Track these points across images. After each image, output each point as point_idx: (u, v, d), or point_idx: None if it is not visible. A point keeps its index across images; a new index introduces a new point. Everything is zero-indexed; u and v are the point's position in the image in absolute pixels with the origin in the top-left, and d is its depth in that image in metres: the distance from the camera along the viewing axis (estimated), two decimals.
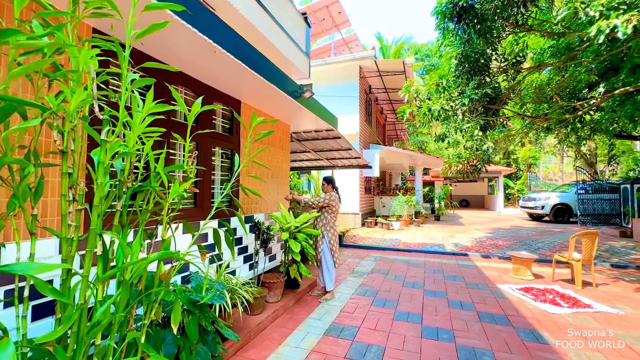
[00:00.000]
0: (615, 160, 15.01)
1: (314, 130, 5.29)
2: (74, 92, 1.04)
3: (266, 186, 4.20)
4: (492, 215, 16.88)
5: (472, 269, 5.72)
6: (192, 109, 1.23)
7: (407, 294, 4.31)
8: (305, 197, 3.99)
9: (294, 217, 3.84)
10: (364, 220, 11.53)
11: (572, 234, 9.82)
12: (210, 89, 3.17)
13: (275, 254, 4.46)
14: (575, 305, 3.89)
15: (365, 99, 12.70)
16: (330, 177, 4.21)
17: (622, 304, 3.97)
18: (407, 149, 13.79)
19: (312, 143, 6.08)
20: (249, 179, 3.75)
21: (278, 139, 4.58)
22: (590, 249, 4.59)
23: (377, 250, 7.48)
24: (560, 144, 17.12)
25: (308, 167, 8.36)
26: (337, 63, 10.95)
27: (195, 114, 1.22)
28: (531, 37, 8.43)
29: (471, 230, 10.59)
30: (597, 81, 8.70)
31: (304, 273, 3.63)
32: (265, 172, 4.18)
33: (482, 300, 4.07)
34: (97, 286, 0.95)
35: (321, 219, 4.08)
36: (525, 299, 4.13)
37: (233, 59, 2.48)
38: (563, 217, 12.44)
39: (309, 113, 4.15)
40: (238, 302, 2.61)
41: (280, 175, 4.64)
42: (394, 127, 20.78)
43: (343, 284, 4.79)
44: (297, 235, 3.59)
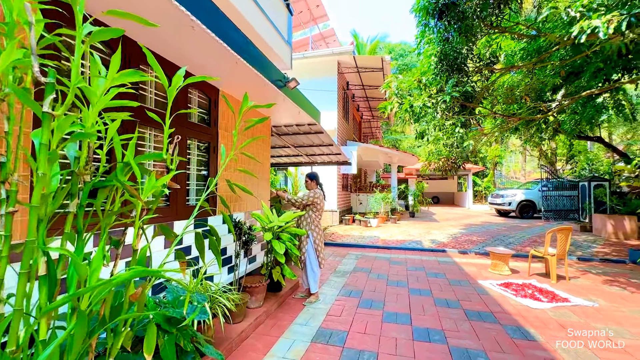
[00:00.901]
0: (574, 160, 16.15)
1: (296, 124, 5.04)
2: (3, 50, 0.74)
3: (247, 182, 3.90)
4: (462, 211, 17.54)
5: (452, 265, 5.77)
6: (173, 82, 0.95)
7: (392, 294, 4.21)
8: (288, 195, 3.74)
9: (276, 216, 3.58)
10: (341, 217, 11.45)
11: (537, 229, 10.37)
12: (186, 74, 2.82)
13: (255, 255, 4.17)
14: (554, 299, 3.99)
15: (343, 95, 12.59)
16: (314, 173, 3.99)
17: (595, 297, 4.13)
18: (383, 146, 13.88)
19: (292, 138, 5.82)
20: (233, 174, 3.44)
21: (260, 132, 4.29)
22: (564, 243, 4.76)
23: (357, 248, 7.38)
24: (525, 143, 18.10)
25: (286, 164, 8.07)
26: (315, 57, 10.71)
27: (178, 88, 0.95)
28: (504, 39, 8.71)
29: (446, 226, 10.86)
30: (561, 84, 9.21)
31: (288, 276, 3.39)
32: (248, 166, 3.88)
33: (467, 298, 4.06)
34: (39, 321, 0.67)
35: (305, 218, 3.85)
36: (506, 294, 4.18)
37: (214, 38, 2.18)
38: (528, 212, 13.15)
39: (293, 105, 3.90)
40: (219, 312, 2.33)
41: (261, 171, 4.35)
42: (369, 124, 20.94)
43: (326, 284, 4.60)
44: (281, 236, 3.34)
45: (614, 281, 4.84)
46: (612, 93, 9.44)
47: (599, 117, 9.27)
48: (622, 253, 6.77)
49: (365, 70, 11.26)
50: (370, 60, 10.71)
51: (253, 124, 1.58)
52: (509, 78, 9.20)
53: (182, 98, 2.79)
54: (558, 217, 11.89)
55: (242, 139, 3.73)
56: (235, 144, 1.50)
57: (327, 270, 5.35)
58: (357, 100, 15.67)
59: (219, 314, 2.32)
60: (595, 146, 20.65)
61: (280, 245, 3.17)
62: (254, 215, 3.43)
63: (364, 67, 11.14)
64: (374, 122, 20.79)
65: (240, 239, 3.09)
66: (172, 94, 0.93)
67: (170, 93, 0.92)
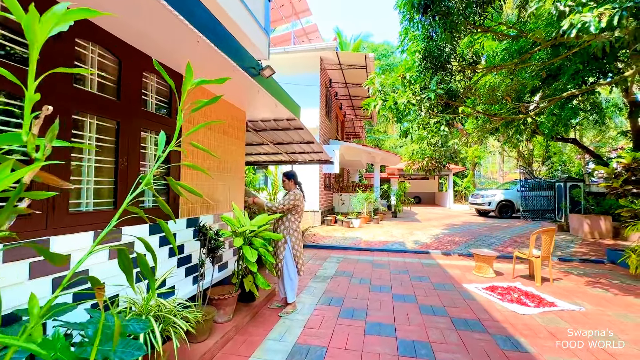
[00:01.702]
0: (550, 161, 16.66)
1: (273, 119, 4.69)
2: None
3: (214, 182, 3.52)
4: (443, 211, 17.69)
5: (436, 268, 5.59)
6: (43, 22, 0.59)
7: (375, 300, 3.95)
8: (267, 202, 3.40)
9: (249, 219, 3.22)
10: (323, 218, 11.16)
11: (517, 229, 10.49)
12: (140, 55, 2.42)
13: (226, 261, 3.80)
14: (541, 304, 3.85)
15: (326, 92, 12.30)
16: (292, 171, 3.66)
17: (579, 300, 4.04)
18: (366, 145, 13.72)
19: (270, 134, 5.46)
20: (191, 174, 3.05)
21: (232, 127, 3.91)
22: (549, 245, 4.67)
23: (339, 250, 7.11)
24: (504, 144, 18.46)
25: (265, 162, 7.69)
26: (297, 52, 10.36)
27: (52, 30, 0.60)
28: (486, 39, 8.70)
29: (428, 226, 10.79)
30: (540, 86, 9.32)
31: (261, 286, 3.05)
32: (215, 164, 3.49)
33: (453, 304, 3.86)
34: None
35: (283, 221, 3.52)
36: (492, 299, 4.02)
37: (167, 9, 1.81)
38: (507, 212, 13.35)
39: (269, 97, 3.54)
40: (173, 335, 1.96)
41: (234, 169, 3.97)
42: (352, 124, 20.79)
43: (305, 291, 4.28)
44: (254, 241, 3.00)
45: (596, 282, 4.80)
46: (587, 96, 9.66)
47: (575, 118, 9.48)
48: (599, 253, 6.85)
49: (348, 67, 11.02)
50: (353, 57, 10.48)
51: (204, 104, 1.25)
52: (490, 79, 9.21)
53: (134, 81, 2.39)
54: (535, 216, 12.11)
55: (208, 133, 3.34)
56: (179, 130, 1.16)
57: (306, 275, 5.03)
58: (340, 98, 15.44)
59: (173, 337, 1.95)
60: (568, 148, 21.48)
61: (252, 252, 2.83)
62: (224, 218, 3.05)
63: (347, 64, 10.89)
64: (357, 121, 20.66)
65: (205, 246, 2.72)
66: (42, 34, 0.58)
67: (35, 33, 0.57)
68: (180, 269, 2.87)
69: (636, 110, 10.27)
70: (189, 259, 2.99)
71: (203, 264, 2.70)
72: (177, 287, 2.80)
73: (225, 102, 3.72)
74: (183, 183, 1.31)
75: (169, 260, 2.73)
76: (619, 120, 20.32)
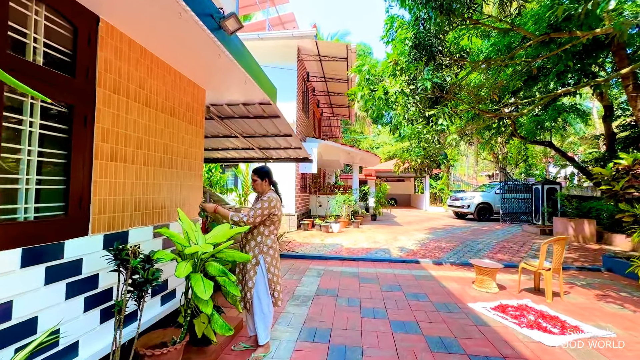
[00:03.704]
0: (527, 163, 16.95)
1: (243, 102, 3.75)
2: None
3: (155, 181, 2.53)
4: (421, 213, 17.42)
5: (431, 281, 4.90)
6: None
7: (370, 331, 3.13)
8: (234, 215, 2.44)
9: (202, 232, 2.27)
10: (300, 222, 10.26)
11: (500, 232, 10.20)
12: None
13: (175, 289, 2.81)
14: (565, 329, 3.23)
15: (303, 87, 11.44)
16: (265, 167, 2.76)
17: (600, 320, 3.49)
18: (345, 144, 13.01)
19: (239, 124, 4.50)
20: (115, 166, 2.06)
21: (185, 108, 2.92)
22: (560, 256, 4.12)
23: (319, 260, 6.25)
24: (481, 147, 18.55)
25: (235, 159, 6.67)
26: (272, 40, 9.40)
27: None
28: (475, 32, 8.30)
29: (411, 230, 10.24)
30: (521, 87, 9.09)
31: (220, 332, 2.11)
32: (157, 155, 2.50)
33: (465, 333, 3.13)
34: None
35: (254, 235, 2.59)
36: (508, 324, 3.35)
37: None
38: (485, 215, 13.19)
39: (235, 66, 2.62)
40: None
41: (187, 164, 2.99)
42: (329, 122, 20.07)
43: (281, 320, 3.38)
44: (209, 267, 2.06)
45: (606, 296, 4.33)
46: (570, 97, 9.59)
47: (558, 119, 9.38)
48: (590, 258, 6.55)
49: (328, 59, 10.22)
50: (334, 47, 9.69)
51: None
52: (475, 77, 8.82)
53: None
54: (514, 219, 12.00)
55: (146, 112, 2.34)
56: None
57: (283, 295, 4.12)
58: (317, 94, 14.63)
59: None
60: (535, 151, 22.22)
61: (206, 286, 1.89)
62: (165, 232, 2.08)
63: (327, 55, 10.10)
64: (334, 120, 19.99)
65: (126, 280, 1.74)
66: None
67: None
68: (91, 313, 1.87)
69: (610, 114, 10.38)
70: (108, 295, 2.00)
71: (121, 309, 1.71)
72: (81, 343, 1.80)
73: (173, 72, 2.74)
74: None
75: (70, 301, 1.73)
76: (579, 127, 21.27)
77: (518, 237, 9.17)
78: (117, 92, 2.06)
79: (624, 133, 10.58)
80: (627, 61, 7.64)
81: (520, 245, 7.87)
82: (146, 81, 2.36)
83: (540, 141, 12.23)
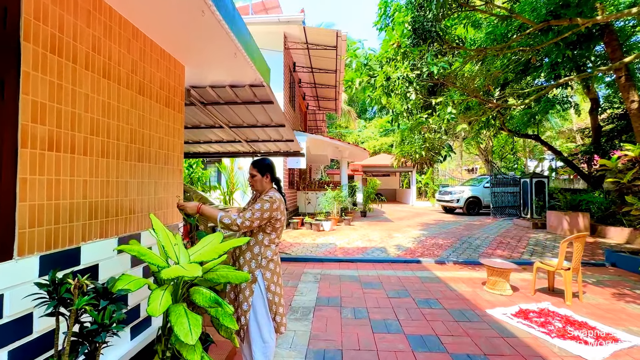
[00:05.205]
0: (516, 156, 17.12)
1: (230, 84, 3.15)
2: None
3: (120, 179, 1.93)
4: (409, 208, 17.28)
5: (438, 284, 4.53)
6: None
7: (388, 352, 2.67)
8: (224, 217, 1.89)
9: (184, 246, 1.71)
10: (289, 220, 9.72)
11: (493, 226, 10.06)
12: None
13: (150, 317, 2.22)
14: (599, 337, 2.91)
15: (290, 77, 10.82)
16: (267, 160, 2.23)
17: (629, 324, 3.22)
18: (333, 138, 12.52)
19: (225, 111, 3.90)
20: (56, 157, 1.46)
21: (159, 86, 2.32)
22: (579, 254, 3.83)
23: (314, 262, 5.76)
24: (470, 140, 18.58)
25: (218, 153, 6.03)
26: (257, 25, 8.72)
27: None
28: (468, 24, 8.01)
29: (403, 227, 9.94)
30: (511, 79, 8.93)
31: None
32: (121, 144, 1.90)
33: (494, 348, 2.74)
34: None
35: (250, 245, 2.05)
36: (536, 333, 2.99)
37: None
38: (474, 209, 13.13)
39: (224, 31, 2.04)
40: None
41: (162, 157, 2.39)
42: (314, 116, 19.50)
43: (282, 340, 2.87)
44: (197, 295, 1.51)
45: (623, 295, 4.10)
46: (561, 89, 9.53)
47: (552, 111, 9.34)
48: (587, 251, 6.43)
49: (317, 47, 9.65)
50: (323, 34, 9.11)
51: None
52: (469, 68, 8.56)
53: None
54: (503, 213, 11.97)
55: (106, 85, 1.73)
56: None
57: None
58: (303, 86, 14.03)
59: None
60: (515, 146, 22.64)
61: (191, 323, 1.35)
62: (131, 249, 1.50)
63: (315, 43, 9.52)
64: (320, 114, 19.44)
65: (69, 328, 1.16)
66: None
67: None
68: None
69: (597, 107, 10.44)
70: (50, 341, 1.41)
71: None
72: None
73: (142, 38, 2.12)
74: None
75: None
76: (555, 122, 21.81)
77: (512, 231, 9.05)
78: (57, 52, 1.46)
79: (609, 126, 10.71)
80: (620, 52, 7.59)
81: (517, 240, 7.70)
82: (104, 44, 1.75)
83: (527, 134, 12.25)
